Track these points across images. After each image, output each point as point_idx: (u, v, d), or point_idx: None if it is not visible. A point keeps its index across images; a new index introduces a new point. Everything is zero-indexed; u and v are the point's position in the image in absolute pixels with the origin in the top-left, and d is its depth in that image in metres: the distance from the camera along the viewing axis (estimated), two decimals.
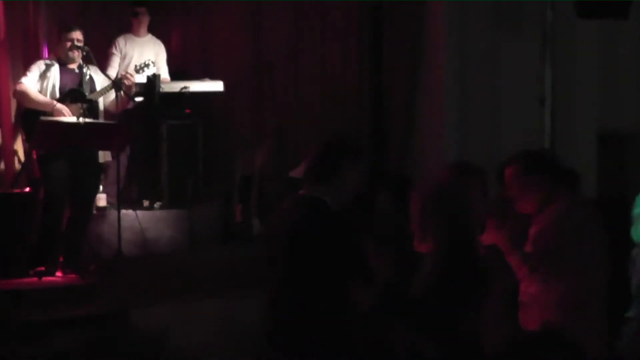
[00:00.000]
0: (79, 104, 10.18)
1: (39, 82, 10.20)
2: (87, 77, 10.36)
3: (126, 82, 10.60)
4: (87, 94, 10.27)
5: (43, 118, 9.87)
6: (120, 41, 11.65)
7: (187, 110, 11.45)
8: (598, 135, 11.16)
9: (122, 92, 10.49)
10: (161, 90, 11.23)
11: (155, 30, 12.02)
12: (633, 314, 8.13)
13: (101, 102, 10.52)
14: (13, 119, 11.22)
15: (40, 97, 10.12)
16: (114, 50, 11.58)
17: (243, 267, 9.94)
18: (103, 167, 10.98)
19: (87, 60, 10.39)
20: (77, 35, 10.27)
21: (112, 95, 10.50)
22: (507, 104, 11.29)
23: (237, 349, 9.03)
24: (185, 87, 11.40)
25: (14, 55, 11.77)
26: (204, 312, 9.29)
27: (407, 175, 11.15)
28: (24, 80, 10.25)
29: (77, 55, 10.26)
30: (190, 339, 9.02)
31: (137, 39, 11.75)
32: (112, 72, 11.14)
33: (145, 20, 11.82)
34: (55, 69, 10.23)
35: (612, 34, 11.30)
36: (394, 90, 11.74)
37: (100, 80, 10.47)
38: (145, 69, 11.38)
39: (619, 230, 8.67)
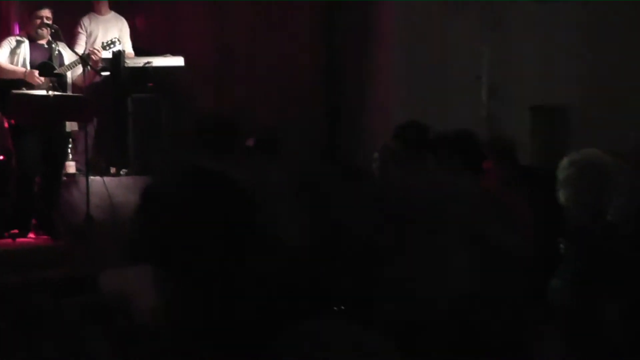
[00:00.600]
0: (49, 78, 10.25)
1: (10, 56, 10.27)
2: (56, 52, 10.46)
3: (93, 57, 10.72)
4: (56, 68, 10.37)
5: (15, 91, 9.92)
6: (85, 20, 11.62)
7: (151, 84, 11.47)
8: (530, 107, 11.40)
9: (89, 67, 10.60)
10: (126, 65, 11.31)
11: (120, 8, 11.99)
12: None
13: (69, 76, 10.61)
14: None
15: (10, 67, 10.21)
16: (79, 30, 11.55)
17: None
18: (71, 137, 11.09)
19: (55, 37, 10.44)
20: (46, 13, 10.35)
21: (79, 70, 10.60)
22: (449, 78, 11.38)
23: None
24: (148, 62, 11.47)
25: None
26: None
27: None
28: None
29: (46, 32, 10.35)
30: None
31: (101, 17, 11.71)
32: (79, 49, 11.13)
33: (104, 3, 11.77)
34: (26, 45, 10.32)
35: (549, 14, 11.38)
36: (347, 70, 11.87)
37: (68, 56, 10.55)
38: (112, 46, 11.35)
39: (551, 195, 8.89)
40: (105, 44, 11.33)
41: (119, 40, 11.59)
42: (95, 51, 10.89)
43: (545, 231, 7.10)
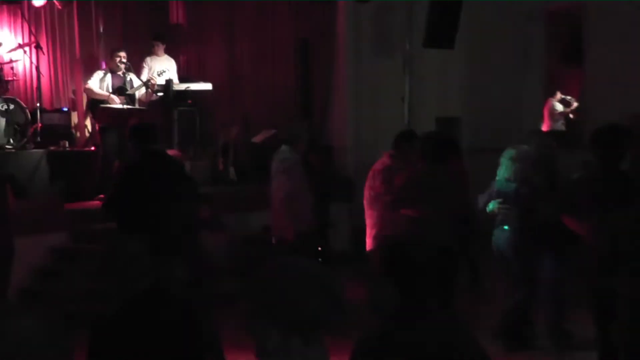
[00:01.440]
0: (123, 96, 10.41)
1: (99, 83, 10.38)
2: (128, 79, 10.56)
3: (152, 82, 10.91)
4: (127, 90, 10.54)
5: (102, 105, 10.13)
6: (147, 60, 11.59)
7: (190, 101, 11.47)
8: (435, 118, 11.68)
9: (149, 89, 10.95)
10: (173, 88, 11.22)
11: (171, 52, 11.95)
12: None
13: (137, 95, 10.75)
14: (84, 106, 11.38)
15: (100, 92, 10.33)
16: (144, 65, 11.51)
17: (222, 198, 10.08)
18: None
19: (128, 70, 10.56)
20: (122, 54, 10.52)
21: (143, 91, 10.81)
22: (383, 100, 11.48)
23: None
24: (188, 87, 11.42)
25: (84, 67, 12.16)
26: None
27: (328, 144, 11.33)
28: (89, 82, 10.49)
29: (122, 67, 10.46)
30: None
31: (157, 58, 11.68)
32: (143, 77, 11.09)
33: (161, 48, 11.73)
34: (109, 76, 10.43)
35: (445, 55, 11.42)
36: (317, 91, 11.84)
37: (136, 82, 10.65)
38: (163, 74, 11.37)
39: None
40: (159, 72, 11.38)
41: (168, 70, 11.57)
42: (153, 79, 10.98)
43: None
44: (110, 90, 10.43)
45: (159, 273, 3.72)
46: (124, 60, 10.56)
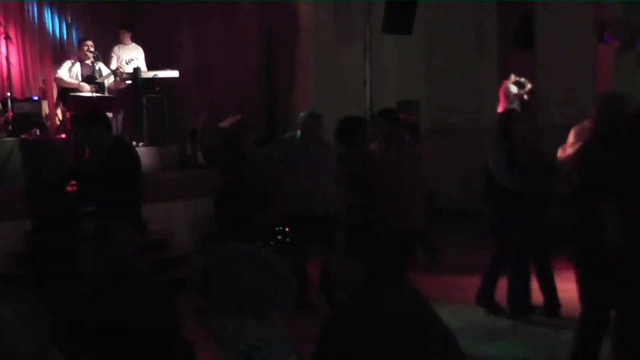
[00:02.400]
0: (92, 85, 10.45)
1: (69, 72, 10.41)
2: (97, 68, 10.58)
3: (120, 70, 10.92)
4: (97, 78, 10.56)
5: (72, 94, 10.14)
6: (116, 48, 11.53)
7: (157, 88, 11.42)
8: (396, 101, 11.79)
9: (118, 78, 10.96)
10: (141, 76, 11.23)
11: (137, 40, 11.87)
12: None
13: (106, 84, 10.77)
14: (55, 96, 11.30)
15: (70, 80, 10.35)
16: (112, 54, 11.44)
17: (192, 182, 10.20)
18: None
19: (96, 59, 10.58)
20: (90, 43, 10.53)
21: (112, 79, 10.83)
22: (345, 86, 11.63)
23: (184, 231, 9.62)
24: (155, 74, 11.40)
25: (53, 58, 12.17)
26: (169, 210, 9.63)
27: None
28: (59, 71, 10.53)
29: (90, 56, 10.47)
30: (162, 225, 9.30)
31: (125, 47, 11.60)
32: (112, 66, 11.09)
33: (128, 36, 11.66)
34: (77, 65, 10.44)
35: (404, 41, 11.70)
36: (281, 78, 11.90)
37: (105, 71, 10.67)
38: (131, 62, 11.30)
39: None
40: (127, 61, 11.31)
41: (136, 59, 11.55)
42: (121, 68, 11.02)
43: None
44: (80, 79, 10.42)
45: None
46: (92, 49, 10.55)
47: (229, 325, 2.09)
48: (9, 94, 10.62)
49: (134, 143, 11.09)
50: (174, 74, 11.68)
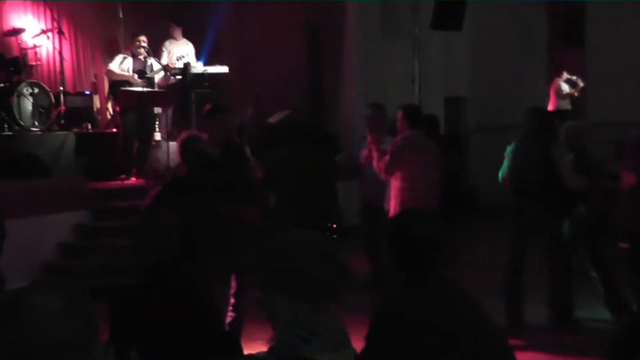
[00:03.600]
0: (143, 79, 10.42)
1: (119, 66, 10.39)
2: (149, 64, 10.54)
3: (171, 66, 10.98)
4: (147, 73, 10.53)
5: (123, 88, 10.11)
6: (166, 43, 11.56)
7: (207, 83, 11.34)
8: (444, 98, 11.66)
9: (168, 73, 10.98)
10: (191, 71, 11.13)
11: (188, 36, 11.89)
12: None
13: (155, 79, 10.73)
14: (106, 90, 11.38)
15: (121, 72, 10.34)
16: (163, 49, 11.46)
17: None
18: (157, 116, 10.98)
19: (148, 54, 10.54)
20: (143, 38, 10.49)
21: (161, 74, 10.83)
22: (392, 82, 11.44)
23: None
24: (205, 70, 11.35)
25: (105, 52, 12.24)
26: None
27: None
28: (110, 65, 10.52)
29: (142, 51, 10.43)
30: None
31: (176, 42, 11.63)
32: (163, 61, 11.08)
33: (179, 31, 11.68)
34: (129, 59, 10.40)
35: (451, 37, 11.57)
36: (327, 73, 11.79)
37: (155, 66, 10.63)
38: (182, 59, 11.27)
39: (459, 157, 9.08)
40: (178, 57, 11.31)
41: (187, 55, 11.54)
42: (172, 63, 11.04)
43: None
44: (131, 73, 10.42)
45: None
46: (144, 44, 10.51)
47: (282, 309, 2.12)
48: (61, 88, 10.69)
49: None
50: (224, 69, 11.67)
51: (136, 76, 10.33)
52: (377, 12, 11.64)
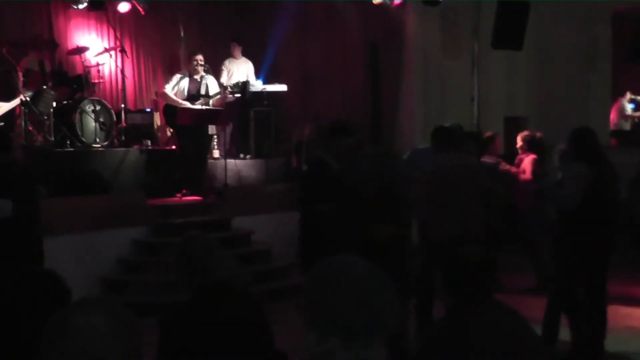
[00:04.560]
0: (201, 97, 10.38)
1: (175, 86, 10.39)
2: (205, 83, 10.52)
3: (228, 89, 11.07)
4: (201, 98, 10.41)
5: (181, 106, 10.14)
6: (227, 62, 11.68)
7: (265, 102, 11.49)
8: (504, 117, 11.50)
9: (227, 93, 11.04)
10: (250, 90, 11.30)
11: (248, 55, 12.01)
12: None
13: (211, 102, 10.62)
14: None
15: (174, 98, 10.32)
16: (222, 68, 11.58)
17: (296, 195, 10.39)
18: (214, 135, 11.09)
19: (207, 72, 10.57)
20: (200, 57, 10.50)
21: (218, 97, 10.73)
22: (451, 101, 11.43)
23: (287, 242, 9.67)
24: (264, 88, 11.52)
25: (166, 70, 12.39)
26: (272, 221, 9.55)
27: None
28: (166, 86, 10.56)
29: (199, 69, 10.43)
30: (265, 236, 9.40)
31: (236, 61, 11.74)
32: (222, 79, 11.23)
33: (239, 49, 11.81)
34: (185, 80, 10.41)
35: (512, 55, 11.43)
36: (386, 91, 11.72)
37: (212, 87, 10.60)
38: (239, 83, 11.33)
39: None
40: (234, 84, 11.34)
41: (247, 74, 11.62)
42: (229, 89, 11.13)
43: None
44: (186, 94, 10.44)
45: None
46: (202, 62, 10.56)
47: (313, 338, 2.04)
48: (122, 105, 10.83)
49: (241, 155, 11.23)
50: (282, 87, 11.77)
51: (188, 104, 10.33)
52: (437, 32, 11.56)
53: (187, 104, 10.31)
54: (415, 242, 7.26)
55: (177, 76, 10.63)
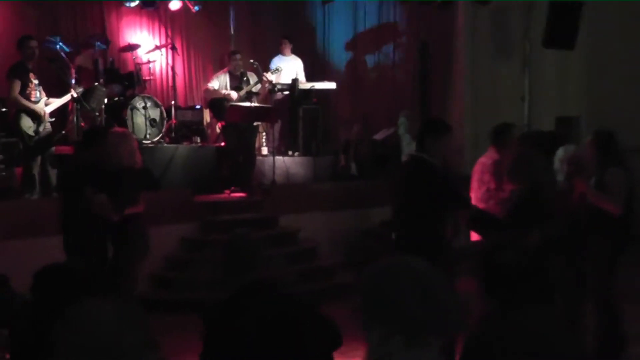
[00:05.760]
0: (246, 94, 10.44)
1: (217, 83, 10.52)
2: (245, 79, 10.58)
3: (265, 79, 11.03)
4: (243, 87, 10.49)
5: (232, 104, 10.21)
6: (275, 59, 11.70)
7: (314, 100, 11.53)
8: (556, 117, 11.34)
9: (267, 87, 11.11)
10: (299, 87, 11.34)
11: (297, 53, 12.02)
12: None
13: (255, 90, 10.67)
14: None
15: (216, 90, 10.47)
16: (272, 65, 11.56)
17: (344, 193, 10.20)
18: (257, 129, 10.97)
19: (255, 69, 10.73)
20: (238, 57, 10.66)
21: (258, 86, 10.79)
22: (502, 101, 11.28)
23: (333, 241, 9.64)
24: (313, 86, 11.51)
25: (215, 67, 12.45)
26: (319, 220, 9.65)
27: None
28: (209, 84, 10.72)
29: (239, 67, 10.56)
30: (311, 234, 9.44)
31: (284, 57, 11.76)
32: (267, 77, 11.16)
33: (289, 47, 11.82)
34: (226, 76, 10.54)
35: (565, 55, 11.33)
36: (435, 91, 11.70)
37: (252, 79, 10.65)
38: (276, 72, 11.34)
39: None
40: (272, 71, 11.36)
41: (295, 71, 11.65)
42: (265, 75, 11.09)
43: None
44: (229, 90, 10.55)
45: None
46: (241, 62, 10.71)
47: (375, 336, 2.09)
48: (173, 102, 10.96)
49: (289, 153, 11.29)
50: (331, 85, 11.77)
51: (233, 93, 10.44)
52: (488, 31, 11.45)
53: (233, 93, 10.43)
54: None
55: (219, 75, 10.75)
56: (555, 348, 2.88)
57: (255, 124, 10.61)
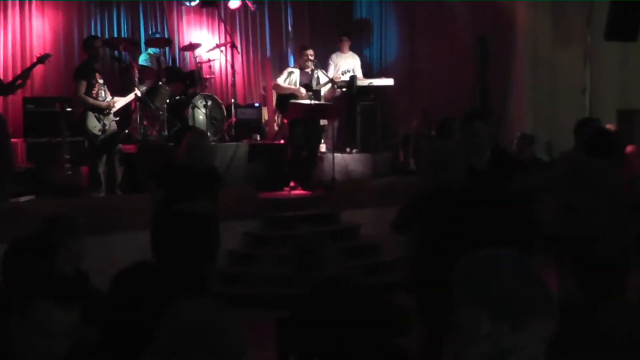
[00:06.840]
0: (310, 92, 10.49)
1: (287, 79, 10.55)
2: (315, 76, 10.65)
3: (336, 80, 11.16)
4: (314, 86, 10.63)
5: (292, 101, 10.24)
6: (333, 57, 11.73)
7: (372, 96, 11.49)
8: (617, 110, 11.19)
9: (334, 86, 11.12)
10: (357, 84, 11.33)
11: (354, 50, 12.10)
12: None
13: (322, 92, 10.83)
14: (274, 103, 11.62)
15: (287, 86, 10.49)
16: (330, 62, 11.65)
17: (403, 189, 10.19)
18: (324, 128, 11.10)
19: (316, 67, 10.69)
20: (310, 52, 10.63)
21: (328, 87, 10.92)
22: (562, 93, 11.17)
23: (394, 236, 9.67)
24: (371, 82, 11.53)
25: (274, 65, 12.66)
26: (380, 215, 9.26)
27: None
28: (278, 79, 10.72)
29: (310, 63, 10.56)
30: (372, 230, 9.40)
31: (342, 55, 11.78)
32: (330, 74, 11.20)
33: (347, 44, 11.87)
34: (297, 72, 10.58)
35: (627, 46, 11.14)
36: (495, 85, 11.59)
37: (322, 79, 10.73)
38: (346, 73, 11.47)
39: None
40: (343, 72, 11.49)
41: (353, 70, 11.68)
42: (338, 77, 11.25)
43: None
44: (298, 86, 10.59)
45: None
46: (312, 57, 10.67)
47: (485, 326, 2.11)
48: (233, 100, 11.08)
49: (347, 149, 11.33)
50: (389, 82, 11.76)
51: (302, 90, 10.48)
52: (548, 23, 11.33)
53: (303, 90, 10.45)
54: None
55: (288, 70, 10.81)
56: None
57: (321, 122, 10.65)
